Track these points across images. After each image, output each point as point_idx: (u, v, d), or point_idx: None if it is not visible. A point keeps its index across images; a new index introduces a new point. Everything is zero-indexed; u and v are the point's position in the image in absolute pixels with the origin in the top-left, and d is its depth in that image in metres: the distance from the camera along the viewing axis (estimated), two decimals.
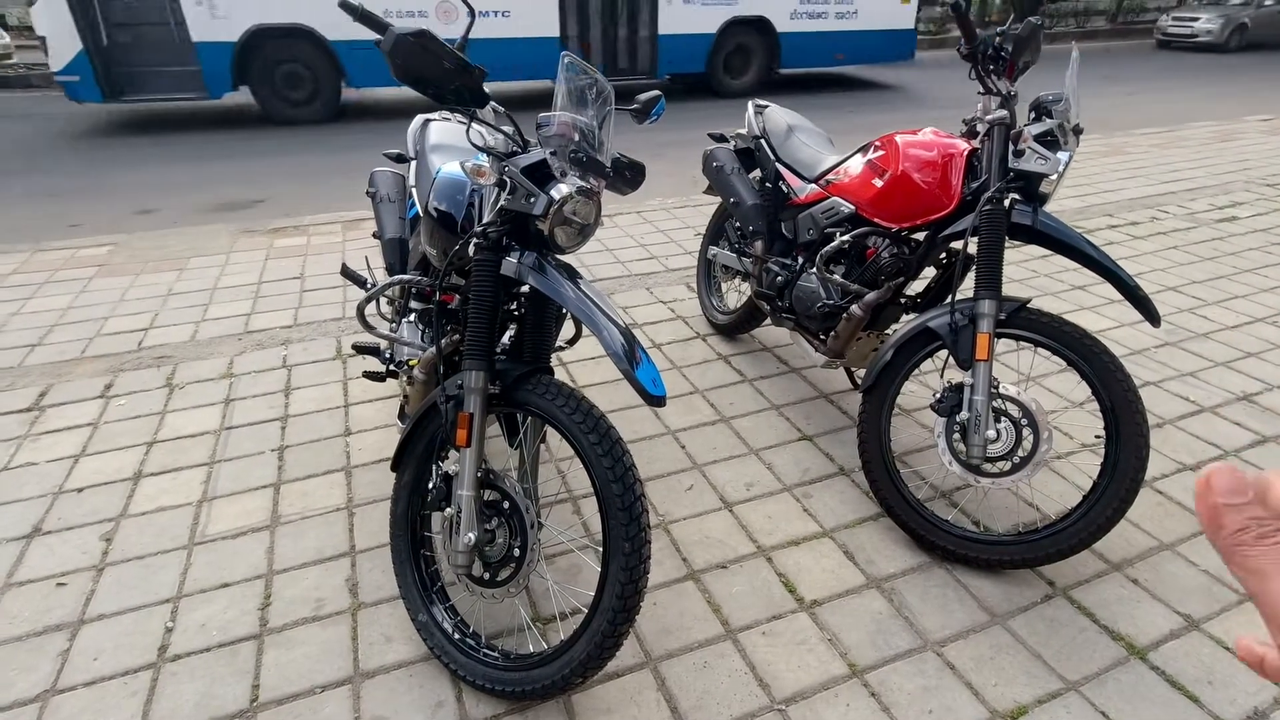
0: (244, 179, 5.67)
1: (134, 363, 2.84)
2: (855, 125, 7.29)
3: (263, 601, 1.76)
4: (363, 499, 2.10)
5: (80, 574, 1.84)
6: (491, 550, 1.50)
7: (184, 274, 3.70)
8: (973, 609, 1.74)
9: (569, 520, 2.03)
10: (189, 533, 1.97)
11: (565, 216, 1.39)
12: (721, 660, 1.61)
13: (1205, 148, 6.08)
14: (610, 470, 1.35)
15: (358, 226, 4.33)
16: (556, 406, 1.41)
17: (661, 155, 5.93)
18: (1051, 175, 1.76)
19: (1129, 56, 13.24)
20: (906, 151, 1.98)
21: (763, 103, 2.67)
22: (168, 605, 1.75)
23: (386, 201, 2.25)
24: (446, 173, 1.69)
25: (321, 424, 2.46)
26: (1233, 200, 4.72)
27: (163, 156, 6.39)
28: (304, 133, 7.32)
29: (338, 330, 3.09)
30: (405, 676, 1.58)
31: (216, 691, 1.54)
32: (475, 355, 1.44)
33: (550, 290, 1.40)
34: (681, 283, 3.56)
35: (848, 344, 2.20)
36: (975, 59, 1.80)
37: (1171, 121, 7.24)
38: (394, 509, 1.67)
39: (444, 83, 1.29)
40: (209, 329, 3.12)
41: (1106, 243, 3.97)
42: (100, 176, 5.77)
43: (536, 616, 1.73)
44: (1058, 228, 1.81)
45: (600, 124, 1.46)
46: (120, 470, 2.22)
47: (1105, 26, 16.33)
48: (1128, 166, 5.52)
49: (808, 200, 2.31)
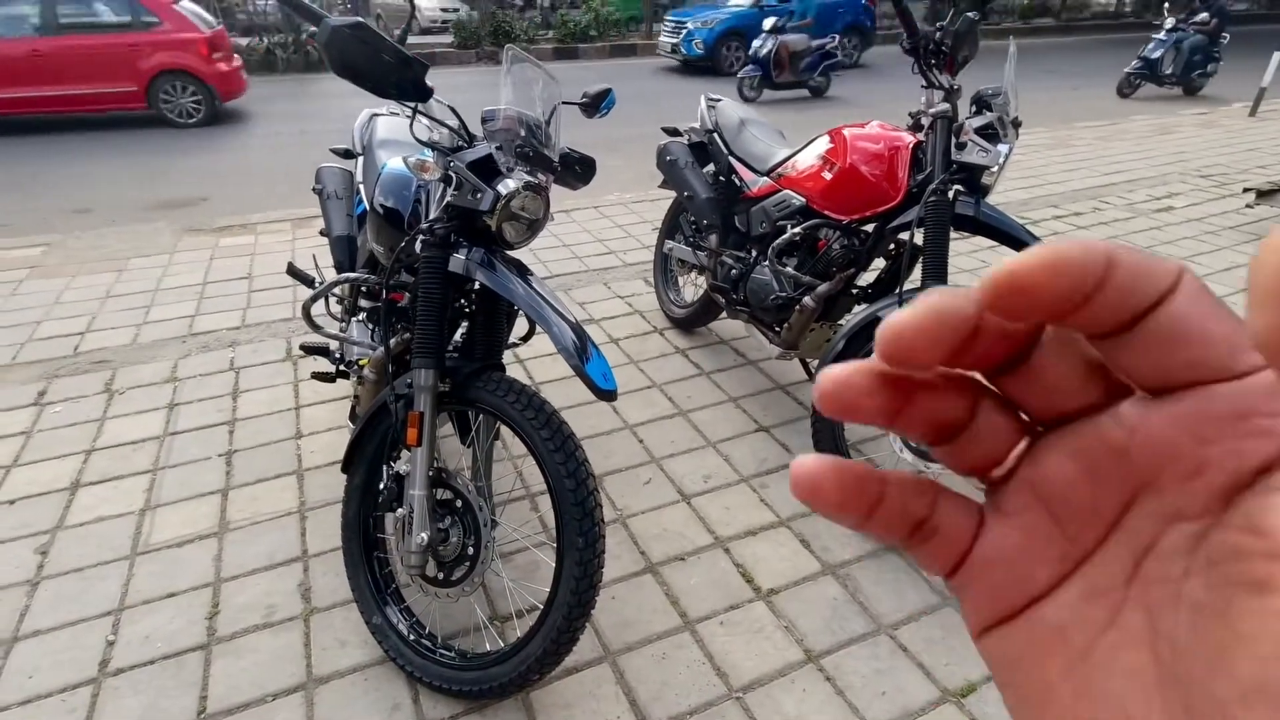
0: (186, 176, 5.49)
1: (70, 368, 2.73)
2: (808, 119, 7.37)
3: (210, 610, 1.71)
4: (315, 502, 2.06)
5: (13, 589, 1.76)
6: (445, 550, 1.48)
7: (124, 275, 3.56)
8: (925, 592, 1.78)
9: (526, 517, 2.02)
10: (131, 542, 1.90)
11: (513, 212, 1.37)
12: (680, 651, 1.62)
13: (1145, 140, 6.31)
14: (563, 465, 1.35)
15: (306, 224, 4.22)
16: (508, 403, 1.39)
17: (617, 149, 5.92)
18: (992, 167, 1.80)
19: (1075, 52, 13.66)
20: (854, 144, 2.01)
21: (715, 97, 2.69)
22: (109, 618, 1.69)
23: (334, 198, 2.21)
24: (392, 168, 1.66)
25: (272, 427, 2.39)
26: (1169, 191, 4.91)
27: (96, 152, 6.14)
28: (247, 126, 7.11)
29: (287, 331, 3.01)
30: (360, 681, 1.55)
31: (162, 705, 1.49)
32: (425, 353, 1.42)
33: (499, 286, 1.38)
34: (639, 277, 3.56)
35: (801, 335, 2.23)
36: (917, 53, 1.84)
37: (1113, 115, 7.49)
38: (345, 511, 1.64)
39: (384, 77, 1.27)
40: (151, 331, 3.01)
41: (1052, 233, 4.09)
42: (30, 172, 5.51)
43: (494, 615, 1.72)
44: (999, 218, 1.86)
45: (548, 118, 1.45)
46: (56, 480, 2.13)
47: (1051, 24, 16.82)
48: (1071, 159, 5.69)
49: (760, 193, 2.33)
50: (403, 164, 1.60)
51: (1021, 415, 0.20)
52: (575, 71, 10.36)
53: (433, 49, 11.50)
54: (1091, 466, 0.18)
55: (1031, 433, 0.20)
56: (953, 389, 0.20)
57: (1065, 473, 0.19)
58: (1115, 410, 0.18)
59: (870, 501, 0.20)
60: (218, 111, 7.32)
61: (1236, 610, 0.15)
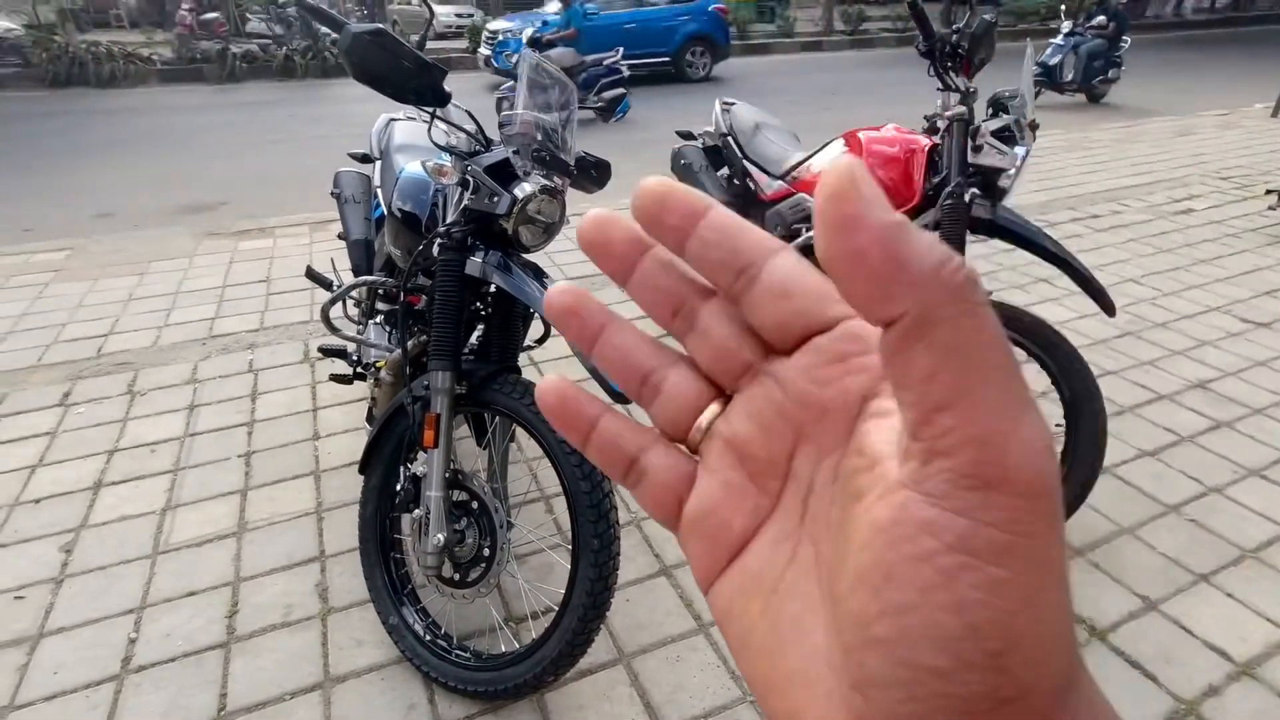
0: (206, 180, 5.56)
1: (93, 370, 2.78)
2: (822, 123, 7.35)
3: (230, 609, 1.73)
4: (332, 503, 2.08)
5: (39, 586, 1.79)
6: (461, 551, 1.49)
7: (145, 278, 3.62)
8: None
9: (541, 519, 2.03)
10: (153, 542, 1.93)
11: (529, 215, 1.39)
12: (694, 654, 1.62)
13: (1164, 142, 6.24)
14: (578, 468, 1.35)
15: (324, 228, 4.26)
16: (524, 405, 1.40)
17: (633, 154, 5.94)
18: (1009, 170, 1.79)
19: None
20: (870, 147, 2.01)
21: (730, 100, 2.69)
22: (131, 616, 1.71)
23: (352, 202, 2.23)
24: (410, 172, 1.68)
25: (289, 428, 2.42)
26: (1189, 193, 4.85)
27: (119, 157, 6.24)
28: (269, 130, 7.20)
29: (305, 333, 3.05)
30: (377, 680, 1.57)
31: (182, 702, 1.51)
32: (441, 355, 1.43)
33: (515, 289, 1.39)
34: None
35: None
36: (933, 56, 1.83)
37: (1133, 117, 7.41)
38: (362, 512, 1.65)
39: (403, 82, 1.29)
40: (172, 334, 3.05)
41: (1069, 235, 4.05)
42: (54, 178, 5.61)
43: (509, 616, 1.72)
44: (1016, 221, 1.84)
45: (564, 122, 1.46)
46: (80, 480, 2.17)
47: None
48: (1090, 161, 5.64)
49: (775, 197, 2.33)
50: (420, 168, 1.62)
51: (710, 380, 0.23)
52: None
53: (448, 54, 11.59)
54: (763, 423, 0.21)
55: (724, 398, 0.23)
56: (669, 295, 0.23)
57: (746, 431, 0.21)
58: (773, 370, 0.21)
59: (586, 424, 0.24)
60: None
61: (848, 520, 0.18)
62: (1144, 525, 1.98)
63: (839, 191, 0.16)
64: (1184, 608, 1.73)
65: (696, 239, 0.20)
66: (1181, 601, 1.75)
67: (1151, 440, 2.33)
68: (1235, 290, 3.39)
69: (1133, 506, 2.05)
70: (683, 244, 0.21)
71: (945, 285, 0.15)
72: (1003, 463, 0.15)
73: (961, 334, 0.15)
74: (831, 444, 0.20)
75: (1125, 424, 2.41)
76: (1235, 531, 1.95)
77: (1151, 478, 2.16)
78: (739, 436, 0.22)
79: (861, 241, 0.15)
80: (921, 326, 0.15)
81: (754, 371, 0.22)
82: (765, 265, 0.20)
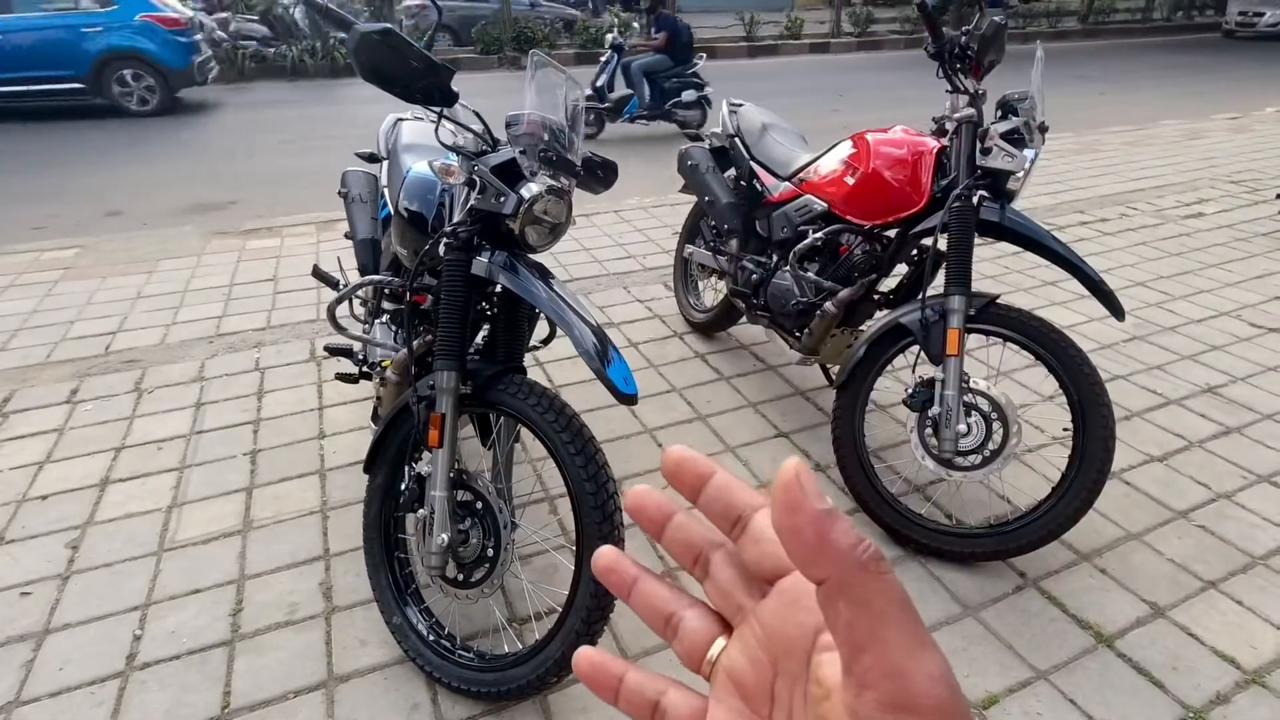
0: (216, 180, 5.59)
1: (101, 367, 2.79)
2: (830, 125, 7.34)
3: (234, 607, 1.74)
4: (337, 502, 2.08)
5: (45, 583, 1.80)
6: (465, 551, 1.49)
7: (153, 277, 3.64)
8: (946, 601, 1.76)
9: (545, 520, 2.03)
10: (158, 539, 1.94)
11: (536, 216, 1.38)
12: None
13: (1173, 145, 6.20)
14: (583, 469, 1.35)
15: (331, 228, 4.28)
16: (529, 405, 1.40)
17: (638, 154, 5.94)
18: (1018, 172, 1.78)
19: (1102, 56, 13.46)
20: (877, 149, 2.00)
21: (737, 101, 2.68)
22: (136, 613, 1.72)
23: (358, 202, 2.23)
24: (416, 172, 1.68)
25: (295, 427, 2.43)
26: (1199, 197, 4.82)
27: (127, 156, 6.27)
28: (279, 130, 7.22)
29: (311, 332, 3.06)
30: (380, 680, 1.57)
31: (187, 699, 1.51)
32: (447, 355, 1.43)
33: (521, 290, 1.39)
34: (659, 281, 3.56)
35: (822, 341, 2.21)
36: (942, 58, 1.82)
37: (1141, 120, 7.37)
38: (367, 511, 1.66)
39: (411, 82, 1.29)
40: (179, 332, 3.07)
41: (1078, 239, 4.03)
42: (65, 177, 5.65)
43: (512, 617, 1.72)
44: (1025, 224, 1.83)
45: (571, 122, 1.45)
46: (87, 477, 2.18)
47: (1076, 27, 16.60)
48: (1099, 164, 5.61)
49: (781, 198, 2.32)
50: (427, 168, 1.62)
51: (720, 617, 0.28)
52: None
53: (456, 54, 11.61)
54: (751, 657, 0.26)
55: (728, 631, 0.28)
56: (690, 548, 0.29)
57: (740, 664, 0.26)
58: (755, 609, 0.26)
59: (615, 678, 0.29)
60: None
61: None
62: (1152, 531, 1.97)
63: (787, 482, 0.21)
64: (1192, 615, 1.72)
65: (704, 495, 0.27)
66: (1190, 608, 1.73)
67: (1160, 445, 2.31)
68: (1245, 295, 3.36)
69: (1141, 512, 2.04)
70: (696, 498, 0.27)
71: (857, 560, 0.20)
72: (910, 690, 0.19)
73: (870, 594, 0.20)
74: (797, 671, 0.24)
75: (1133, 429, 2.39)
76: (1245, 538, 1.94)
77: (1160, 483, 2.15)
78: (735, 669, 0.26)
79: (799, 521, 0.21)
80: (841, 587, 0.20)
81: (744, 611, 0.27)
82: (753, 518, 0.27)
